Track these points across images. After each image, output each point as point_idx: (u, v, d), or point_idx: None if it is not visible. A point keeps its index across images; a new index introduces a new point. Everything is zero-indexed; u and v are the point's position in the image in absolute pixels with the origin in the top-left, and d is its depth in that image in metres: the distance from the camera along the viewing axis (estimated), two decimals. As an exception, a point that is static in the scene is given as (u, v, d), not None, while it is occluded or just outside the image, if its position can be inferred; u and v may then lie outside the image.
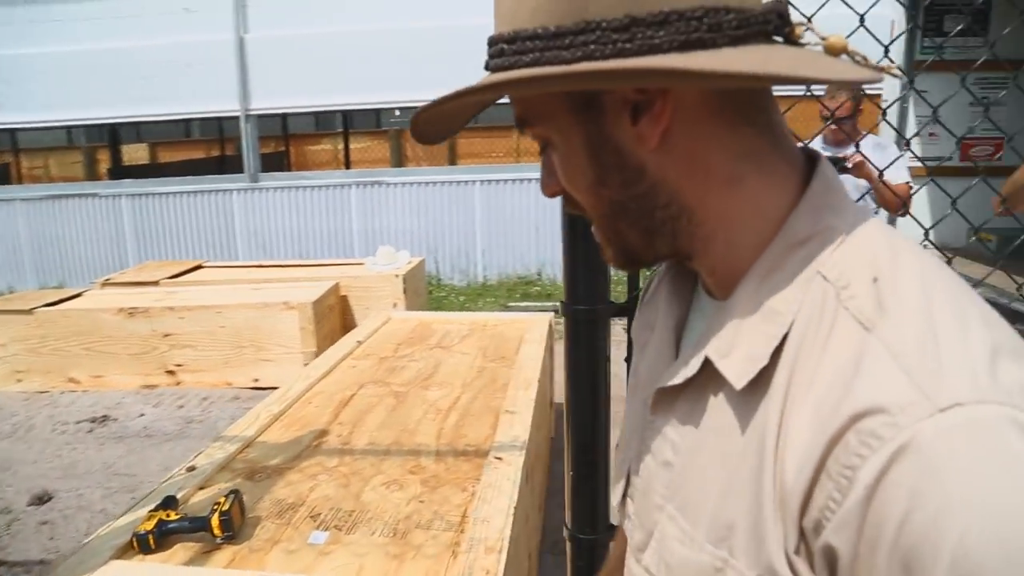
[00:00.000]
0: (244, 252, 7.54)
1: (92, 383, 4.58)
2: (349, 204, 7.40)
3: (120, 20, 7.11)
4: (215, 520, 1.43)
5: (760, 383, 0.49)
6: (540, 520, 2.61)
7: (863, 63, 0.49)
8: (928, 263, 0.48)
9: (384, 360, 2.86)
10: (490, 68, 0.53)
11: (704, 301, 0.60)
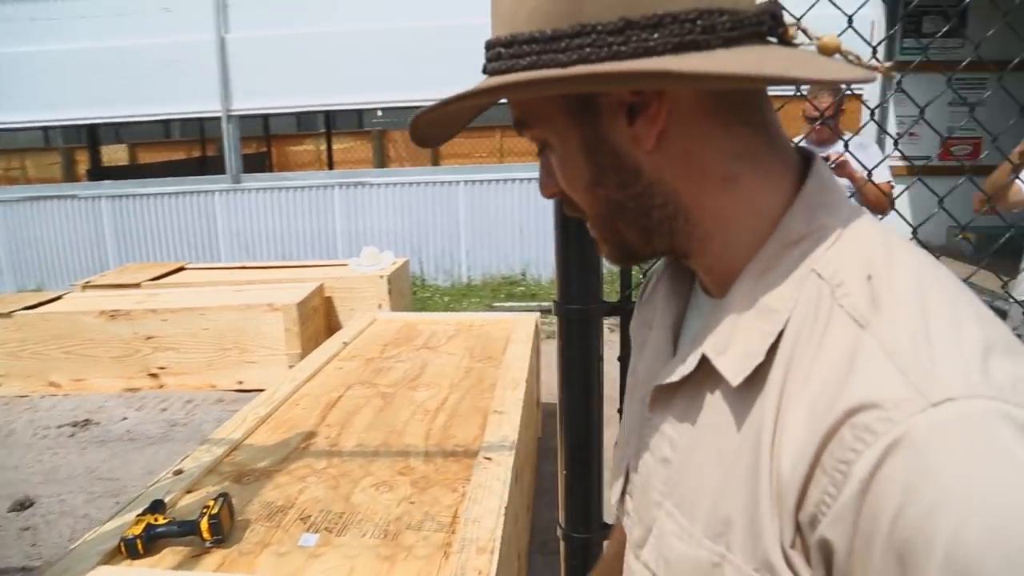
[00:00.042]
0: (227, 253, 7.46)
1: (73, 387, 4.53)
2: (332, 205, 7.35)
3: (97, 20, 7.01)
4: (204, 524, 1.42)
5: (756, 380, 0.49)
6: (529, 520, 2.62)
7: (856, 63, 0.50)
8: (922, 261, 0.49)
9: (371, 361, 2.85)
10: (488, 71, 0.53)
11: (701, 299, 0.60)
